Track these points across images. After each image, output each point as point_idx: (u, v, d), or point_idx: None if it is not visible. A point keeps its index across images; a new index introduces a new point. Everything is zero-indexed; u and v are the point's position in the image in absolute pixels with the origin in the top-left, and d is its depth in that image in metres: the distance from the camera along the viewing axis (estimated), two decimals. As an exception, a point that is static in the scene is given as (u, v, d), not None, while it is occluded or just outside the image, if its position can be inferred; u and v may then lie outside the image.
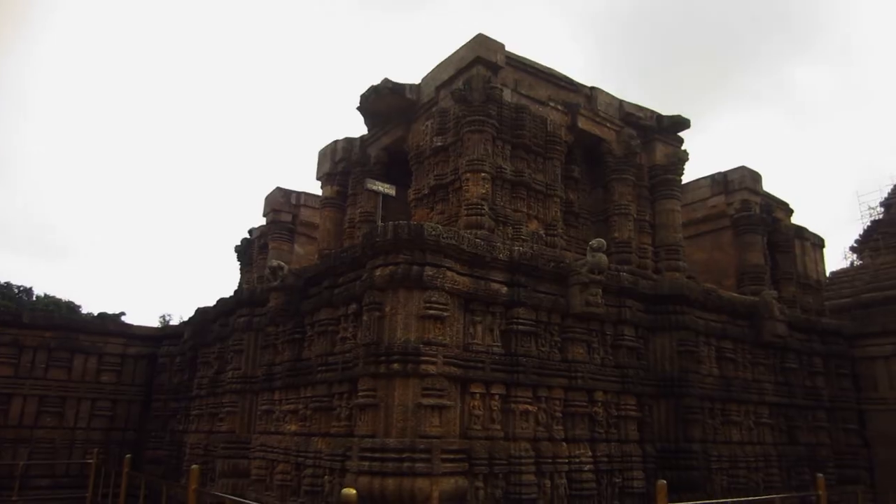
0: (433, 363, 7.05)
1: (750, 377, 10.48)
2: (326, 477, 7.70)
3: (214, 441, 10.45)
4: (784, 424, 10.89)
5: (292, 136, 78.20)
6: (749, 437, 10.16)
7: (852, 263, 29.30)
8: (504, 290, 7.98)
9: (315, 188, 14.19)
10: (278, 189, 15.61)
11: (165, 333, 15.17)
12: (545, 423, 8.01)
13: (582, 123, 10.87)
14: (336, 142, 13.07)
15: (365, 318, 7.51)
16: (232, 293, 11.62)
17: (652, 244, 11.27)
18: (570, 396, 8.29)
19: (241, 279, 17.88)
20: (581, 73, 11.39)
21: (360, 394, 7.28)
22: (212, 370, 11.49)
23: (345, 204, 12.74)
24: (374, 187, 10.03)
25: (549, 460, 7.83)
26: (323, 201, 13.24)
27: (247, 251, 17.63)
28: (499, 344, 7.89)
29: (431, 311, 7.20)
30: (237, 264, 18.49)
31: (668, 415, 9.22)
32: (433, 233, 7.32)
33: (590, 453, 8.25)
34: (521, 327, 7.97)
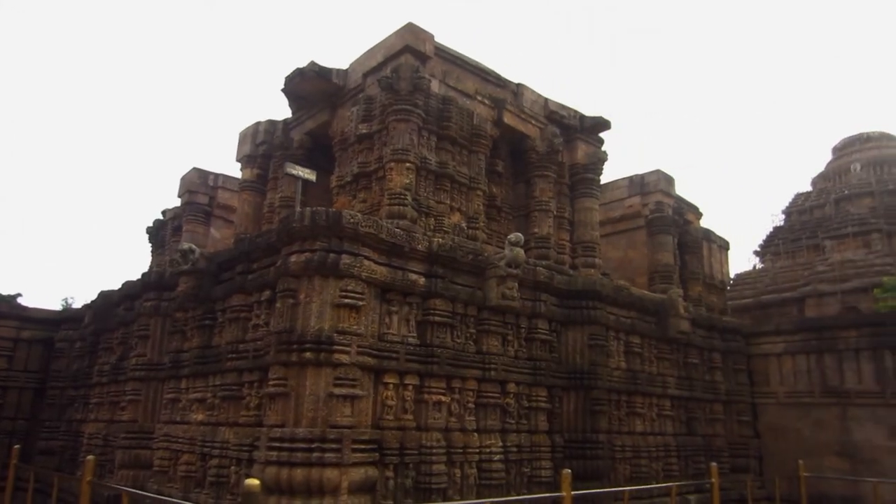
0: (347, 352, 6.97)
1: (655, 371, 10.96)
2: (233, 468, 7.49)
3: (115, 431, 9.96)
4: (684, 416, 11.47)
5: (212, 115, 75.30)
6: (652, 428, 10.63)
7: (755, 266, 31.20)
8: (422, 280, 7.98)
9: (235, 170, 13.74)
10: (195, 170, 14.99)
11: (64, 317, 14.28)
12: (458, 413, 8.09)
13: (507, 119, 11.00)
14: (258, 123, 12.68)
15: (278, 305, 7.33)
16: (140, 276, 11.07)
17: (570, 241, 11.58)
18: (484, 388, 8.40)
19: (152, 262, 17.09)
20: (509, 68, 11.51)
21: (270, 382, 7.11)
22: (114, 356, 10.93)
23: (265, 188, 12.42)
24: (294, 172, 9.80)
25: (461, 450, 7.92)
26: (242, 184, 12.85)
27: (159, 233, 16.86)
28: (414, 335, 7.89)
29: (347, 300, 7.11)
30: (149, 247, 17.67)
31: (577, 406, 9.51)
32: (352, 220, 7.22)
33: (500, 443, 8.40)
34: (437, 318, 8.00)
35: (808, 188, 33.03)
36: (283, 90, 11.39)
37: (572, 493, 7.33)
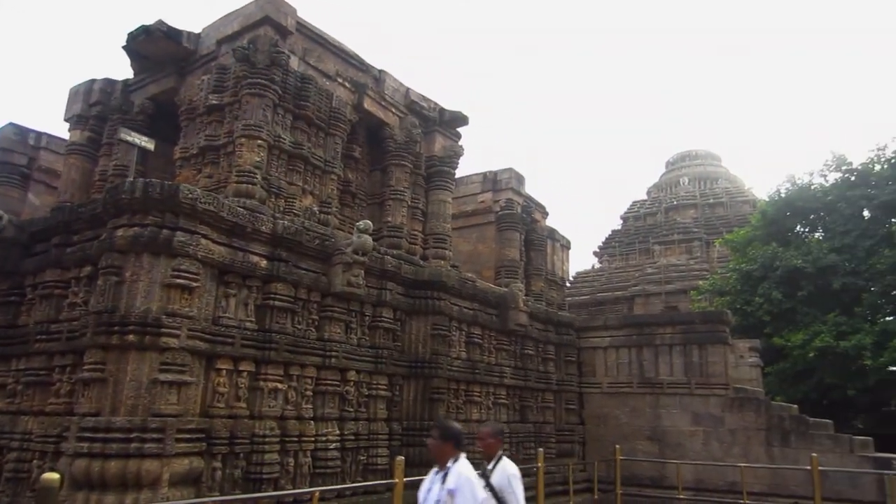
0: (175, 336, 6.56)
1: (493, 361, 11.44)
2: (35, 461, 6.80)
3: None
4: (518, 404, 12.10)
5: (40, 67, 67.43)
6: (487, 415, 11.09)
7: (593, 266, 33.58)
8: (264, 263, 7.70)
9: (62, 131, 12.38)
10: (12, 125, 13.25)
11: None
12: (295, 401, 7.92)
13: (368, 104, 10.88)
14: (93, 81, 11.53)
15: (100, 282, 6.73)
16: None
17: (423, 231, 11.72)
18: (323, 375, 8.29)
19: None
20: (372, 55, 11.39)
21: (86, 367, 6.51)
22: None
23: (97, 153, 11.31)
24: (130, 138, 8.99)
25: (296, 439, 7.76)
26: (69, 147, 11.59)
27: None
28: (253, 319, 7.60)
29: (179, 280, 6.68)
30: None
31: (417, 394, 9.69)
32: (190, 196, 6.79)
33: (337, 431, 8.35)
34: (278, 303, 7.77)
35: (644, 197, 36.03)
36: (125, 48, 10.40)
37: (405, 479, 7.48)
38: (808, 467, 10.61)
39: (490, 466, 4.73)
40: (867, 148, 37.15)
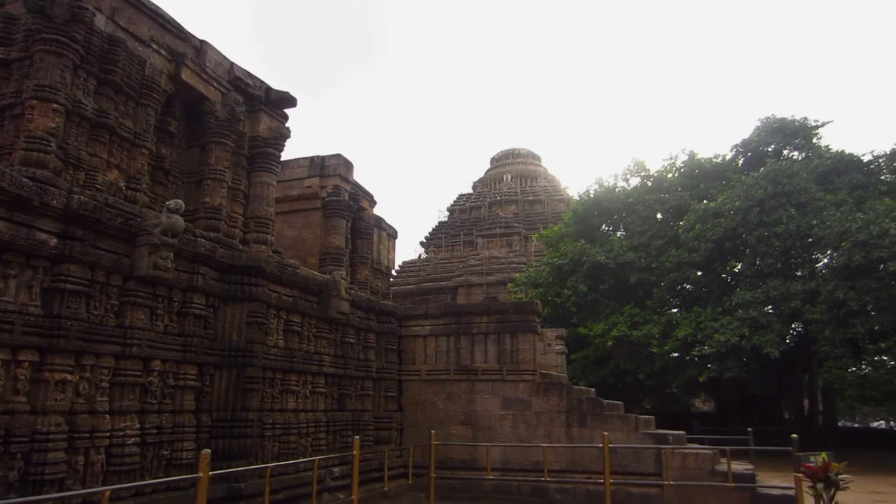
0: (-65, 322, 5.69)
1: (313, 349, 11.31)
2: None
3: None
4: (336, 393, 12.08)
5: None
6: (304, 404, 10.96)
7: (420, 256, 34.43)
8: (54, 241, 6.92)
9: None
10: None
11: None
12: (87, 393, 7.24)
13: (186, 76, 10.15)
14: None
15: None
16: None
17: (244, 214, 11.21)
18: (123, 365, 7.66)
19: None
20: (193, 26, 10.63)
21: None
22: None
23: None
24: None
25: (87, 435, 7.10)
26: None
27: None
28: (38, 304, 6.81)
29: (-58, 258, 5.80)
30: None
31: (230, 384, 9.30)
32: (-41, 162, 5.90)
33: (137, 425, 7.76)
34: (70, 286, 7.03)
35: (470, 190, 37.57)
36: None
37: (210, 473, 7.16)
38: (601, 445, 11.84)
39: None
40: (662, 157, 41.91)
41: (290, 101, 12.04)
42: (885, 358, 20.92)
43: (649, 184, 29.60)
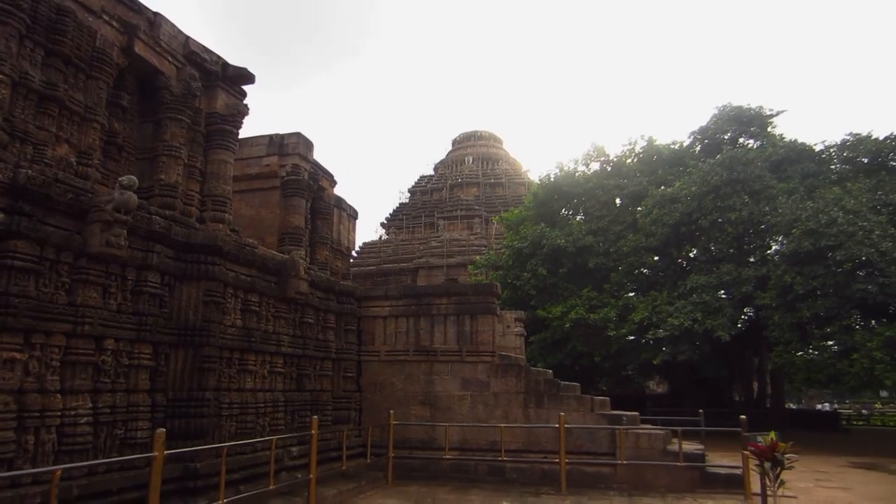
0: None
1: (271, 329, 11.24)
2: None
3: None
4: (295, 373, 12.05)
5: None
6: (262, 384, 10.91)
7: (381, 237, 34.34)
8: (0, 217, 6.71)
9: None
10: None
11: None
12: (37, 372, 7.08)
13: (140, 49, 9.87)
14: None
15: None
16: None
17: (200, 192, 11.01)
18: (74, 344, 7.50)
19: None
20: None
21: None
22: None
23: None
24: None
25: (37, 414, 6.96)
26: None
27: None
28: (-16, 281, 6.62)
29: None
30: None
31: (186, 364, 9.20)
32: None
33: (90, 405, 7.63)
34: (18, 263, 6.83)
35: (432, 172, 37.51)
36: None
37: (165, 452, 7.14)
38: (557, 425, 12.12)
39: None
40: (621, 142, 42.48)
41: (247, 77, 11.82)
42: (830, 343, 21.76)
43: (609, 169, 30.01)
